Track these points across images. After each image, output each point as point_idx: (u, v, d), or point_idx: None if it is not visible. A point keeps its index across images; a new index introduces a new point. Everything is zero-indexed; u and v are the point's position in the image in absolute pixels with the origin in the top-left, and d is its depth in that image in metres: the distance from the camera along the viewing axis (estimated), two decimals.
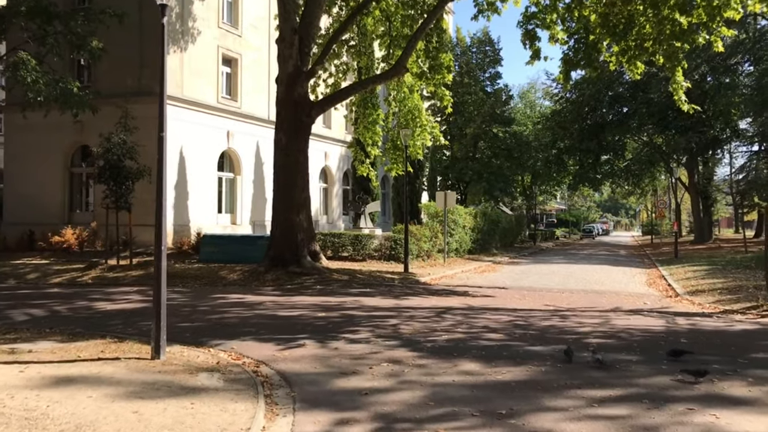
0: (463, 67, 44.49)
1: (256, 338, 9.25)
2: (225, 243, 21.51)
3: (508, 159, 45.80)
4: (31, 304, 12.82)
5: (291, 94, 17.88)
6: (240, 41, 29.31)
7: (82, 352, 7.81)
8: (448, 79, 21.51)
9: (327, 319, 10.99)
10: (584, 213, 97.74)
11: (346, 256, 22.78)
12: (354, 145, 25.18)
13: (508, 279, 20.01)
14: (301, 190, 17.99)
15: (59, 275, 18.68)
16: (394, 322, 10.63)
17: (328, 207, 36.53)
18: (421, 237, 23.99)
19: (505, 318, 11.33)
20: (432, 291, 15.92)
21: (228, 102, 28.56)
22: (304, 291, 15.19)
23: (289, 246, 17.55)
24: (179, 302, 13.28)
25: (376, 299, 13.80)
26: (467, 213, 29.39)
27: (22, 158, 27.20)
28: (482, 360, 7.83)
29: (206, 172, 26.98)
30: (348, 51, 23.69)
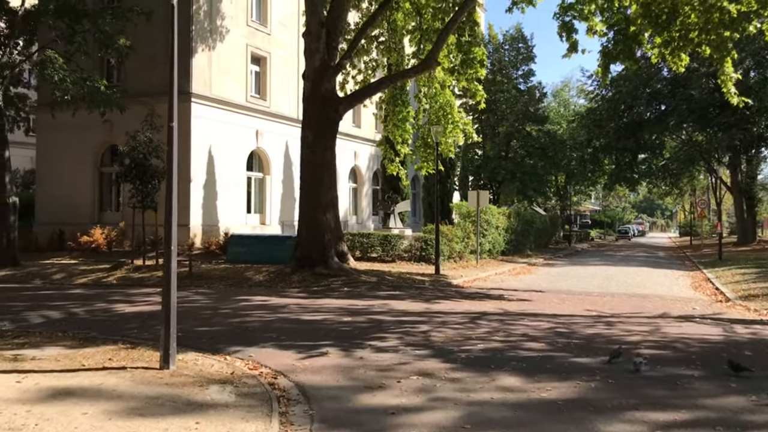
0: (496, 64, 43.49)
1: (277, 345, 8.62)
2: (252, 243, 21.03)
3: (542, 158, 44.67)
4: (50, 306, 12.42)
5: (318, 90, 17.27)
6: (269, 39, 28.90)
7: (88, 359, 7.27)
8: (481, 73, 20.69)
9: (353, 324, 10.32)
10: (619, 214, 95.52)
11: (374, 256, 22.10)
12: (383, 143, 24.50)
13: (544, 281, 19.11)
14: (328, 188, 17.37)
15: (85, 275, 18.39)
16: (424, 329, 9.90)
17: (358, 207, 35.95)
18: (452, 237, 23.19)
19: (545, 324, 10.51)
20: (465, 294, 15.14)
21: (257, 101, 28.17)
22: (330, 293, 14.55)
23: (316, 246, 16.94)
24: (201, 304, 12.77)
25: (405, 303, 13.09)
26: (500, 213, 28.50)
27: (53, 158, 27.21)
28: (523, 373, 7.06)
29: (235, 171, 26.63)
30: (377, 47, 23.03)
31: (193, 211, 24.61)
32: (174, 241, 6.84)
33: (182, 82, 24.66)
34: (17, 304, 12.78)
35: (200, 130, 24.87)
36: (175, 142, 6.91)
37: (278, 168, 29.05)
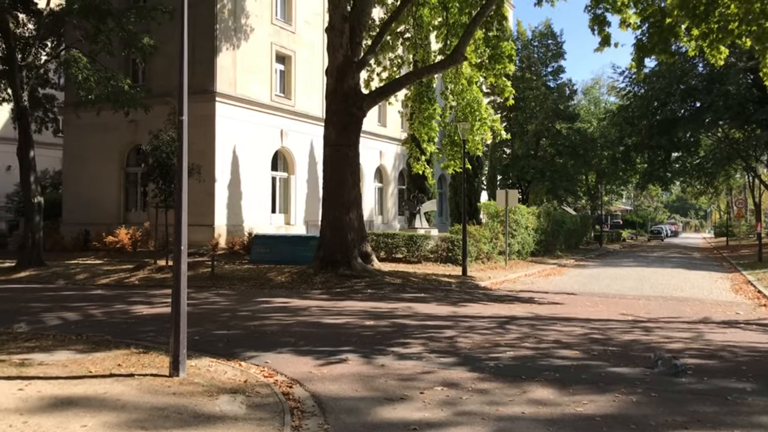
0: (524, 61, 42.71)
1: (295, 350, 8.21)
2: (276, 243, 20.73)
3: (572, 157, 43.73)
4: (69, 307, 12.22)
5: (341, 86, 16.87)
6: (294, 38, 28.65)
7: (96, 365, 6.94)
8: (510, 69, 20.08)
9: (375, 328, 9.86)
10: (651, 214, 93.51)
11: (399, 257, 21.63)
12: (409, 141, 24.02)
13: (576, 283, 18.43)
14: (351, 187, 16.95)
15: (107, 276, 18.26)
16: (450, 334, 9.40)
17: (383, 207, 35.52)
18: (480, 238, 22.60)
19: (578, 330, 9.93)
20: (493, 297, 14.58)
21: (281, 100, 27.93)
22: (353, 295, 14.12)
23: (339, 247, 16.53)
24: (221, 306, 12.45)
25: (430, 306, 12.60)
26: (530, 213, 27.78)
27: (80, 159, 27.33)
28: (557, 385, 6.53)
29: (260, 171, 26.42)
30: (403, 43, 22.58)
31: (218, 211, 24.45)
32: (184, 241, 6.46)
33: (207, 81, 24.57)
34: (37, 305, 12.61)
35: (225, 129, 24.70)
36: (184, 137, 6.53)
37: (303, 168, 28.77)
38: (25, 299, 13.56)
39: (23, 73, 20.36)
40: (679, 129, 39.29)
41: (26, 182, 20.37)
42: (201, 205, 24.05)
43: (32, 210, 20.43)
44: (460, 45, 17.55)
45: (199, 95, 24.40)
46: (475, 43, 20.07)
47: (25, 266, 19.82)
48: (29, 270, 19.53)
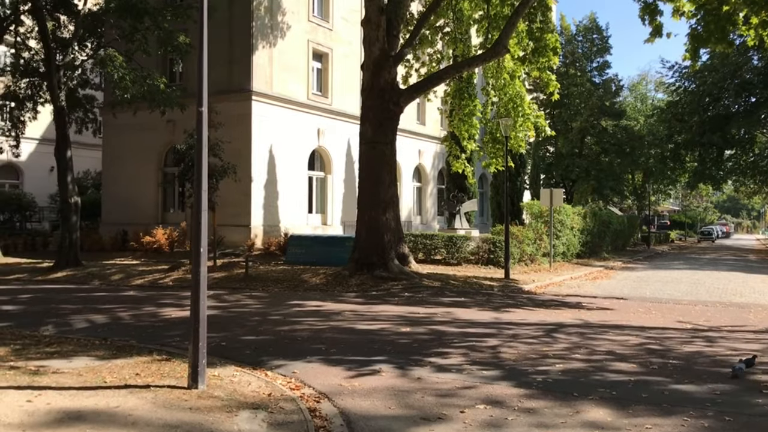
0: (569, 56, 41.47)
1: (325, 359, 7.66)
2: (311, 244, 20.28)
3: (618, 155, 42.33)
4: (99, 309, 11.95)
5: (377, 81, 16.28)
6: (331, 35, 28.24)
7: (113, 374, 6.50)
8: (555, 62, 19.19)
9: (412, 335, 9.23)
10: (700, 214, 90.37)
11: (438, 259, 20.94)
12: (448, 139, 23.29)
13: (625, 287, 17.45)
14: (387, 186, 16.33)
15: (142, 276, 18.08)
16: (493, 343, 8.71)
17: (422, 207, 34.84)
18: (523, 239, 21.74)
19: (633, 340, 9.12)
20: (538, 302, 13.79)
21: (318, 98, 27.55)
22: (389, 299, 13.50)
23: (375, 248, 15.94)
24: (252, 309, 12.00)
25: (471, 311, 11.90)
26: (575, 213, 26.72)
27: (119, 159, 27.44)
28: (614, 404, 5.81)
29: (296, 171, 26.08)
30: (442, 38, 21.88)
31: (254, 212, 24.18)
32: (203, 242, 5.96)
33: (243, 80, 24.35)
34: (68, 306, 12.39)
35: (261, 129, 24.42)
36: (204, 130, 6.02)
37: (340, 167, 28.33)
38: (58, 300, 13.38)
39: (60, 73, 20.39)
40: (733, 125, 37.53)
41: (63, 182, 20.38)
42: (237, 205, 23.83)
43: (69, 210, 20.43)
44: (502, 37, 16.78)
45: (235, 94, 24.23)
46: (517, 36, 19.27)
47: (62, 266, 19.84)
48: (66, 270, 19.53)
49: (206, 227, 6.01)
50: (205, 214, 5.97)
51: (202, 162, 5.95)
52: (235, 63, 24.60)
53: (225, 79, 24.57)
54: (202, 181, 5.94)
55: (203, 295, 5.98)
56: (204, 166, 5.96)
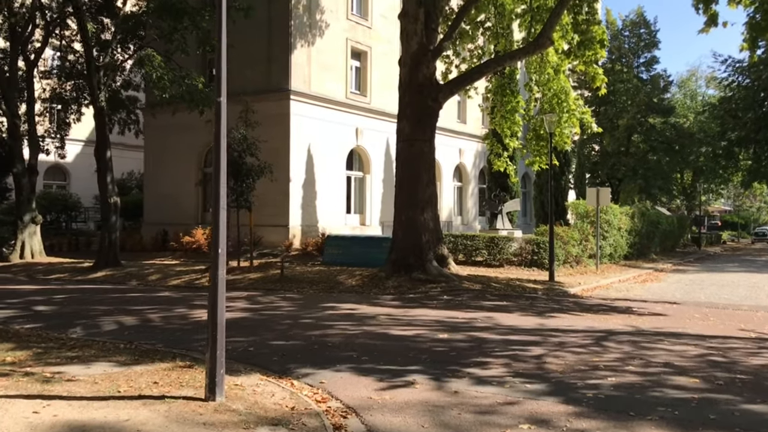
0: (615, 52, 40.17)
1: (355, 368, 7.16)
2: (349, 244, 19.87)
3: (667, 153, 40.81)
4: (130, 311, 11.72)
5: (415, 76, 15.72)
6: (370, 33, 27.82)
7: (130, 383, 6.13)
8: (602, 55, 18.31)
9: (449, 343, 8.65)
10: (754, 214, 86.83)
11: (479, 261, 20.24)
12: (490, 137, 22.55)
13: (677, 291, 16.50)
14: (426, 185, 15.75)
15: (179, 277, 17.94)
16: (537, 352, 8.07)
17: (463, 207, 34.13)
18: (568, 240, 20.87)
19: (692, 350, 8.36)
20: (585, 306, 13.02)
21: (357, 97, 27.16)
22: (427, 302, 12.91)
23: (413, 249, 15.37)
24: (284, 312, 11.59)
25: (513, 316, 11.24)
26: (623, 213, 25.65)
27: (160, 160, 27.56)
28: (677, 427, 5.14)
29: (335, 170, 25.74)
30: (483, 33, 21.18)
31: (293, 212, 23.91)
32: (221, 242, 5.52)
33: (281, 79, 24.12)
34: (100, 307, 12.21)
35: (299, 128, 24.15)
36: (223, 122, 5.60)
37: (379, 167, 27.88)
38: (92, 301, 13.25)
39: (100, 74, 20.46)
40: None
41: (103, 182, 20.44)
42: (276, 205, 23.61)
43: (108, 210, 20.48)
44: (546, 28, 16.04)
45: (273, 93, 24.01)
46: (562, 29, 18.49)
47: (102, 266, 19.89)
48: (105, 270, 19.56)
49: (225, 226, 5.57)
50: (224, 212, 5.53)
51: (221, 156, 5.53)
52: (274, 62, 24.40)
53: (263, 78, 24.41)
54: (221, 177, 5.52)
55: (221, 299, 5.55)
56: (223, 160, 5.53)
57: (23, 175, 22.99)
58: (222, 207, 5.49)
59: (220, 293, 5.50)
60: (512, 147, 21.72)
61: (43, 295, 14.33)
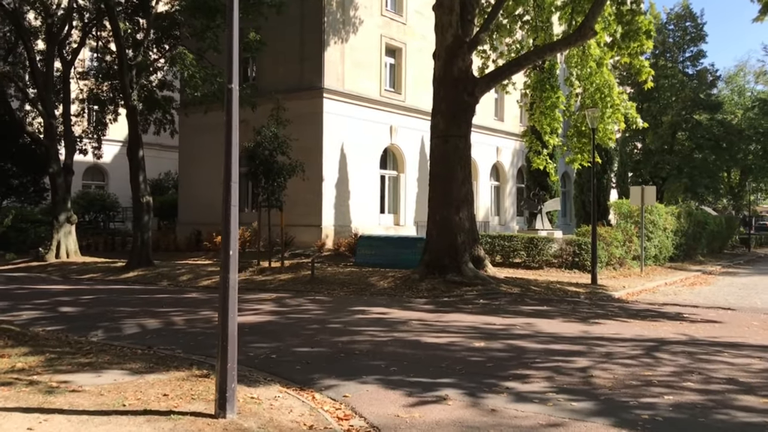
0: (659, 47, 38.73)
1: (383, 380, 6.59)
2: (381, 245, 19.32)
3: (713, 151, 39.19)
4: (155, 313, 11.39)
5: (450, 70, 15.07)
6: (404, 29, 27.25)
7: (138, 395, 5.68)
8: (648, 46, 17.36)
9: (486, 352, 8.01)
10: None
11: (518, 262, 19.45)
12: (528, 133, 21.72)
13: (730, 295, 15.49)
14: (461, 183, 15.07)
15: (209, 277, 17.65)
16: (582, 364, 7.38)
17: (500, 207, 33.27)
18: (611, 241, 19.94)
19: (757, 363, 7.55)
20: (631, 312, 12.20)
21: (391, 95, 26.61)
22: (462, 307, 12.25)
23: (448, 250, 14.71)
24: (311, 315, 11.10)
25: (555, 322, 10.52)
26: (668, 213, 24.52)
27: (194, 160, 27.49)
28: None
29: (368, 169, 25.24)
30: (522, 27, 20.40)
31: (325, 212, 23.50)
32: (233, 243, 5.03)
33: (314, 77, 23.74)
34: (125, 309, 11.92)
35: (332, 126, 23.72)
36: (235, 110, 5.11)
37: (413, 166, 27.28)
38: (118, 302, 12.99)
39: (133, 73, 20.35)
40: None
41: (135, 182, 20.33)
42: (308, 205, 23.24)
43: (141, 210, 20.36)
44: (588, 18, 15.23)
45: (306, 92, 23.65)
46: (604, 21, 17.62)
47: (134, 266, 19.77)
48: (137, 270, 19.43)
49: (236, 225, 5.08)
50: (235, 209, 5.04)
51: (232, 148, 5.04)
52: (307, 60, 24.04)
53: (296, 76, 24.07)
54: (232, 171, 5.03)
55: (233, 306, 5.04)
56: (234, 152, 5.04)
57: (59, 175, 23.08)
58: (233, 204, 5.00)
59: (231, 299, 5.00)
60: (552, 144, 20.89)
61: (72, 295, 14.16)
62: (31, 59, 23.08)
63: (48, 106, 23.16)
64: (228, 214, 5.01)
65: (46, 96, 23.17)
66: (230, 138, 5.06)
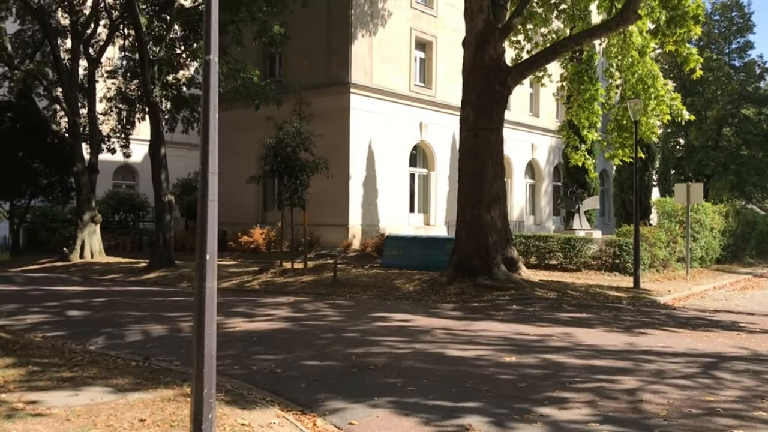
0: (703, 38, 36.90)
1: (397, 403, 5.72)
2: (409, 245, 18.43)
3: (762, 147, 37.18)
4: (163, 318, 10.72)
5: (480, 58, 14.07)
6: (435, 22, 26.33)
7: (111, 419, 4.92)
8: (696, 32, 16.07)
9: (518, 369, 7.05)
10: None
11: (554, 264, 18.34)
12: (566, 128, 20.53)
13: None
14: (492, 179, 14.06)
15: (230, 279, 17.03)
16: (630, 384, 6.38)
17: (535, 206, 32.06)
18: (654, 241, 18.70)
19: None
20: (680, 320, 11.07)
21: (421, 90, 25.72)
22: (492, 313, 11.26)
23: (478, 251, 13.72)
24: (328, 322, 10.27)
25: (596, 332, 9.48)
26: (715, 212, 23.07)
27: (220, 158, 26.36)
28: None
29: (397, 167, 24.40)
30: (558, 16, 19.28)
31: (352, 211, 22.74)
32: (210, 245, 4.23)
33: (341, 72, 23.01)
34: (133, 314, 11.27)
35: (360, 122, 22.94)
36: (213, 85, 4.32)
37: (444, 163, 26.33)
38: (129, 305, 12.38)
39: (155, 69, 19.86)
40: None
41: (157, 180, 19.83)
42: (335, 203, 22.52)
43: (162, 209, 19.85)
44: (631, 1, 14.07)
45: (332, 87, 22.93)
46: (647, 6, 16.42)
47: (156, 267, 19.27)
48: (159, 271, 18.93)
49: (215, 222, 4.28)
50: (212, 204, 4.24)
51: (210, 130, 4.23)
52: (333, 54, 23.32)
53: (323, 71, 23.36)
54: (209, 157, 4.22)
55: (210, 320, 4.22)
56: (212, 136, 4.24)
57: (83, 174, 22.77)
58: (210, 199, 4.20)
59: (207, 313, 4.18)
60: (590, 139, 19.67)
61: (85, 297, 13.62)
62: (56, 56, 22.81)
63: (72, 104, 22.86)
64: (204, 210, 4.20)
65: (71, 94, 22.88)
66: (208, 119, 4.26)
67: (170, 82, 24.02)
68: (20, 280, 18.05)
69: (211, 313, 4.20)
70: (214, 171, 4.18)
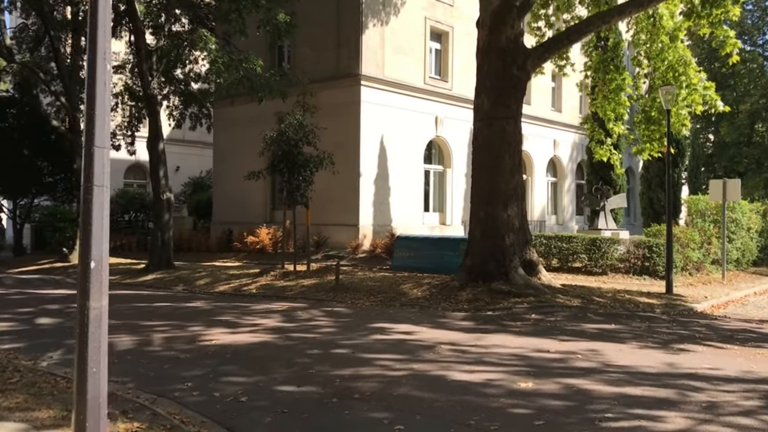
0: (735, 28, 35.08)
1: None
2: (421, 246, 17.19)
3: None
4: (138, 327, 9.60)
5: (496, 39, 12.74)
6: (451, 11, 25.05)
7: None
8: (735, 13, 14.58)
9: (534, 399, 5.74)
10: None
11: (578, 267, 16.92)
12: (590, 120, 19.08)
13: None
14: (509, 173, 12.70)
15: (228, 282, 15.94)
16: (676, 424, 5.05)
17: (558, 205, 30.59)
18: (687, 242, 17.20)
19: None
20: (723, 333, 9.64)
21: (436, 82, 24.44)
22: (508, 324, 9.91)
23: (493, 253, 12.38)
24: (319, 334, 9.03)
25: (628, 349, 8.12)
26: (752, 210, 21.48)
27: (228, 155, 26.09)
28: None
29: (411, 164, 23.17)
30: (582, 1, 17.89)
31: (363, 210, 21.55)
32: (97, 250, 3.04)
33: (352, 63, 21.86)
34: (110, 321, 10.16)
35: (371, 116, 21.76)
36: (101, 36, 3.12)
37: (461, 160, 25.02)
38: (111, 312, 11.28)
39: (153, 59, 18.86)
40: None
41: (155, 177, 18.84)
42: (344, 202, 21.37)
43: (161, 207, 18.85)
44: None
45: (342, 80, 21.80)
46: None
47: (154, 268, 18.31)
48: (156, 273, 17.96)
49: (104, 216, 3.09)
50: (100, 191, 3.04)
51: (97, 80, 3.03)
52: (343, 46, 22.17)
53: (332, 63, 22.22)
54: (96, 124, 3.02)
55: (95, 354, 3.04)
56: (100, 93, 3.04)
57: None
58: (96, 184, 3.00)
59: (92, 343, 3.02)
60: (617, 133, 18.21)
61: (65, 302, 12.60)
62: (56, 50, 21.98)
63: (72, 98, 22.00)
64: (89, 199, 3.01)
65: (70, 89, 22.02)
66: (95, 69, 3.05)
67: (178, 78, 23.07)
68: (9, 282, 17.18)
69: (98, 343, 3.02)
70: (101, 145, 2.97)
